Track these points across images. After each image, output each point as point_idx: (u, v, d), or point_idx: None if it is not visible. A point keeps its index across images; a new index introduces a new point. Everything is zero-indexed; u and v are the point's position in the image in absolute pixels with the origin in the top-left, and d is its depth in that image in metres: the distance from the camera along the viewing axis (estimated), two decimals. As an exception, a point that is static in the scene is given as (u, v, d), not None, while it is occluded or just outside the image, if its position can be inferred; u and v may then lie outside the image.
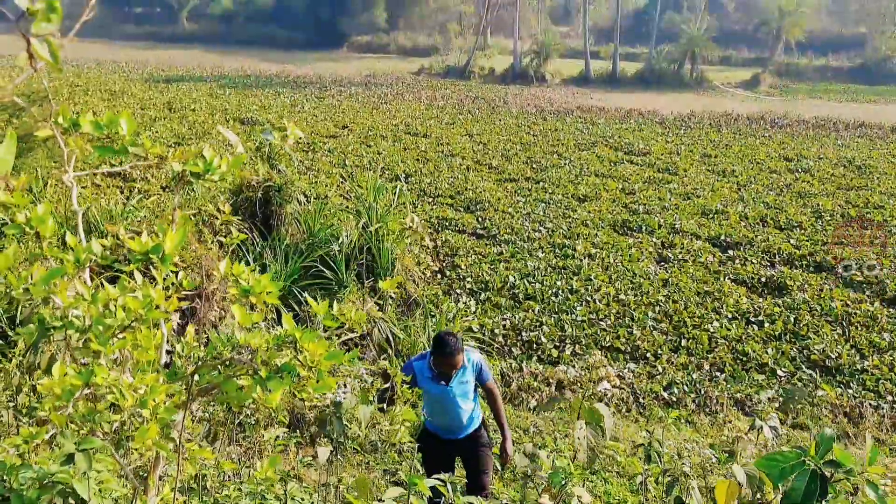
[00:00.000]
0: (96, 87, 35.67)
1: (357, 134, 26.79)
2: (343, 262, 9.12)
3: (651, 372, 10.32)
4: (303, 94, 36.51)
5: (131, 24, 73.38)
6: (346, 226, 9.73)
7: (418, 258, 14.38)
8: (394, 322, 9.05)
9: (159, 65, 48.03)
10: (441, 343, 5.36)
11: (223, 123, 27.47)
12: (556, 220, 17.09)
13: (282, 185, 9.45)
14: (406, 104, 34.67)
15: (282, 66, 49.45)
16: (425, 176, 20.90)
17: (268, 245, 9.00)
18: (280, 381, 2.00)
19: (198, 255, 7.46)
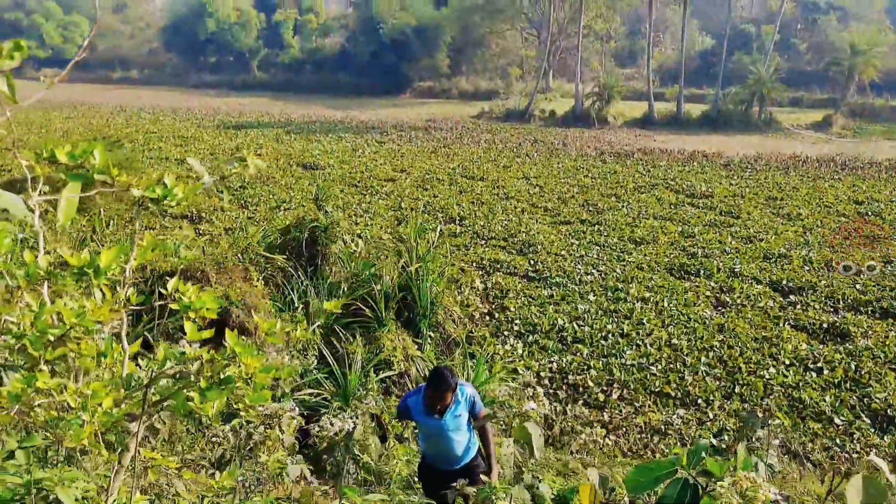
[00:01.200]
0: (170, 134, 37.10)
1: (414, 177, 27.11)
2: (382, 301, 9.19)
3: (701, 418, 10.03)
4: (364, 139, 37.17)
5: (206, 72, 76.15)
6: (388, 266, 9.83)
7: (467, 299, 14.42)
8: (432, 361, 9.04)
9: (230, 112, 49.63)
10: (437, 378, 5.40)
11: (286, 168, 28.19)
12: (610, 263, 16.91)
13: (328, 226, 9.62)
14: (464, 148, 34.97)
15: (346, 112, 50.52)
16: (479, 218, 20.98)
17: (312, 283, 9.14)
18: (219, 392, 2.06)
19: (242, 292, 7.62)
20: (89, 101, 56.15)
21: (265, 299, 8.00)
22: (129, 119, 43.70)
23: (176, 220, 19.99)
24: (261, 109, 51.67)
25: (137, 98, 58.79)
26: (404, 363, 8.58)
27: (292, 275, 9.16)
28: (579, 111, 48.47)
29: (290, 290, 8.95)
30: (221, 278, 7.74)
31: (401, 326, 9.40)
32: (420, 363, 8.74)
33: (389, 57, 64.81)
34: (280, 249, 9.42)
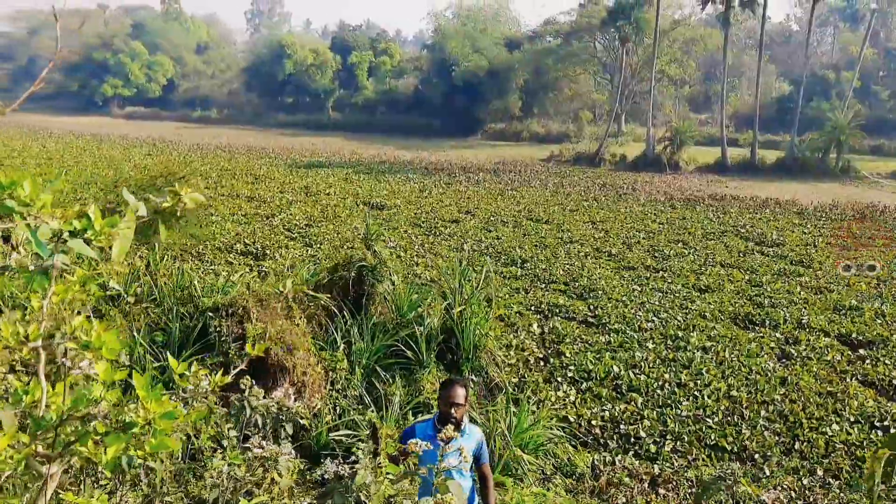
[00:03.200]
0: (243, 171, 38.12)
1: (479, 219, 27.13)
2: (424, 342, 9.11)
3: (757, 475, 9.58)
4: (432, 180, 37.46)
5: (283, 113, 78.30)
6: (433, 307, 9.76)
7: (522, 343, 14.21)
8: (473, 406, 8.88)
9: (303, 151, 50.75)
10: (447, 380, 5.49)
11: (354, 207, 28.57)
12: (672, 311, 16.48)
13: (375, 266, 9.63)
14: (531, 191, 34.91)
15: (416, 153, 51.12)
16: (541, 262, 20.79)
17: (356, 323, 9.13)
18: (118, 437, 1.98)
19: (282, 330, 7.65)
20: (170, 138, 58.23)
21: (306, 337, 8.01)
22: (204, 157, 45.07)
23: (241, 257, 20.40)
24: (333, 149, 52.70)
25: (216, 137, 60.70)
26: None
27: (336, 314, 9.16)
28: (650, 156, 47.98)
29: (333, 330, 8.96)
30: (262, 315, 7.79)
31: (443, 369, 9.29)
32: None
33: (461, 99, 65.49)
34: (327, 288, 9.46)
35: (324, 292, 9.25)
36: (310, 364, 7.67)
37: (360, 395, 8.20)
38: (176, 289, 8.78)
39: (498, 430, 8.29)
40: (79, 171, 34.84)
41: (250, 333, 7.42)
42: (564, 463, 9.14)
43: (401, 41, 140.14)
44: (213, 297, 8.10)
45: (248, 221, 25.15)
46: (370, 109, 74.74)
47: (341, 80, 79.93)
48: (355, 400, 8.14)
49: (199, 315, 8.02)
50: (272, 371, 7.43)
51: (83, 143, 51.79)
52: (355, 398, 8.16)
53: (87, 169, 35.96)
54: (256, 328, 7.50)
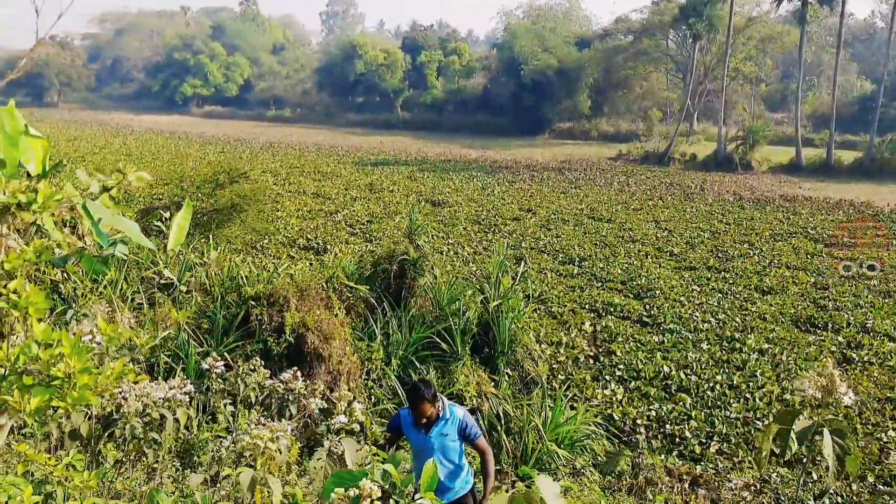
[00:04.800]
0: (311, 169, 38.79)
1: (540, 217, 27.05)
2: (459, 335, 9.19)
3: (805, 479, 9.37)
4: (495, 179, 37.47)
5: (353, 112, 79.31)
6: (471, 302, 9.83)
7: (573, 341, 14.18)
8: (507, 399, 8.93)
9: (370, 149, 51.37)
10: (410, 390, 5.46)
11: (416, 204, 28.79)
12: (731, 312, 16.19)
13: (417, 260, 9.76)
14: (595, 189, 34.60)
15: (482, 152, 51.17)
16: (599, 261, 20.65)
17: (395, 316, 9.28)
18: (43, 389, 2.11)
19: (320, 320, 7.85)
20: (244, 136, 59.69)
21: (344, 328, 8.19)
22: (275, 154, 46.06)
23: (303, 251, 20.84)
24: (399, 148, 53.17)
25: (287, 135, 61.90)
26: (477, 399, 8.54)
27: (375, 306, 9.33)
28: (721, 155, 46.92)
29: (372, 321, 9.13)
30: (301, 305, 8.01)
31: (478, 363, 9.36)
32: (494, 400, 8.67)
33: (530, 98, 65.18)
34: (369, 280, 9.63)
35: (366, 285, 9.43)
36: (345, 353, 7.86)
37: (394, 386, 8.35)
38: (225, 279, 9.08)
39: (532, 424, 8.33)
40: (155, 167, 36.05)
41: (288, 322, 7.65)
42: (603, 460, 9.11)
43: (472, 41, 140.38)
44: (255, 287, 8.36)
45: (313, 217, 25.66)
46: (438, 109, 75.07)
47: (411, 79, 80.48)
48: (390, 390, 8.30)
49: (243, 304, 8.29)
50: (309, 359, 7.65)
51: (162, 141, 53.51)
52: (390, 388, 8.31)
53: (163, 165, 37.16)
54: (294, 317, 7.73)
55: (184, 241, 10.47)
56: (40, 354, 2.16)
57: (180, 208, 9.06)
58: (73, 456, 2.97)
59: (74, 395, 2.16)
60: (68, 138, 51.82)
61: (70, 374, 2.14)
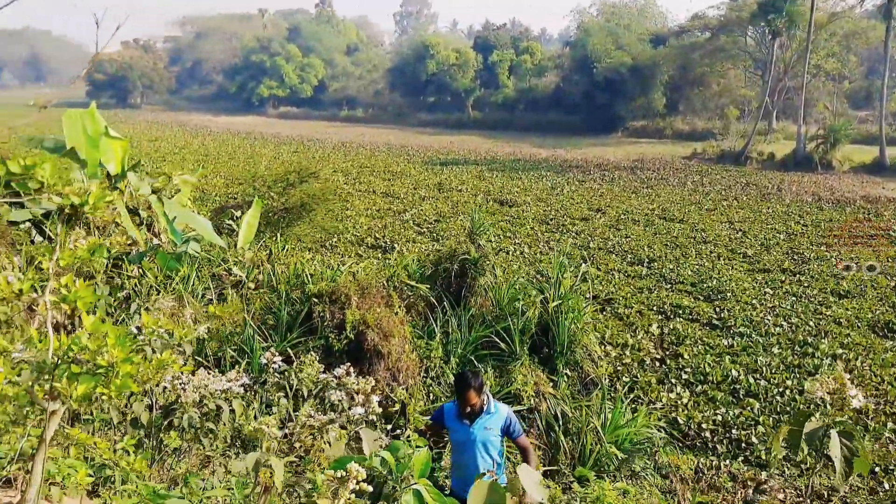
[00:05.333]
0: (382, 168, 39.25)
1: (609, 217, 26.79)
2: (517, 335, 9.20)
3: (874, 488, 9.08)
4: (565, 178, 37.23)
5: (425, 112, 79.79)
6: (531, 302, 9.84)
7: (639, 343, 14.02)
8: (565, 400, 8.90)
9: (440, 149, 51.64)
10: (458, 378, 5.56)
11: (484, 204, 28.86)
12: (805, 316, 15.75)
13: (478, 259, 9.82)
14: (668, 189, 34.04)
15: (552, 151, 50.89)
16: (669, 262, 20.34)
17: (455, 314, 9.36)
18: (89, 378, 2.22)
19: (380, 317, 7.98)
20: (317, 137, 60.73)
21: (403, 326, 8.31)
22: (347, 154, 46.75)
23: (371, 250, 21.13)
24: (469, 147, 53.29)
25: (359, 135, 62.70)
26: (535, 399, 8.54)
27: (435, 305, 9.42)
28: (801, 154, 45.54)
29: (432, 320, 9.23)
30: (362, 302, 8.16)
31: (536, 363, 9.36)
32: (552, 400, 8.65)
33: (602, 96, 64.48)
34: (430, 279, 9.74)
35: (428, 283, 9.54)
36: (404, 351, 7.98)
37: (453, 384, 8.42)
38: (291, 276, 9.32)
39: (590, 426, 8.30)
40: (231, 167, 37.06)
41: (349, 319, 7.81)
42: (666, 464, 9.01)
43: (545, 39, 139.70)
44: (318, 285, 8.55)
45: (381, 216, 25.98)
46: (510, 108, 74.92)
47: (482, 79, 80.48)
48: (448, 388, 8.38)
49: (306, 301, 8.50)
50: (369, 356, 7.79)
51: (238, 142, 54.87)
52: (448, 386, 8.39)
53: (238, 165, 38.16)
54: (355, 315, 7.88)
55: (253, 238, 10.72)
56: (88, 345, 2.29)
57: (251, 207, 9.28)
58: (127, 441, 3.14)
59: (117, 382, 2.29)
60: (150, 139, 53.66)
61: (113, 363, 2.27)
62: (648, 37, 70.03)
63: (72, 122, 11.14)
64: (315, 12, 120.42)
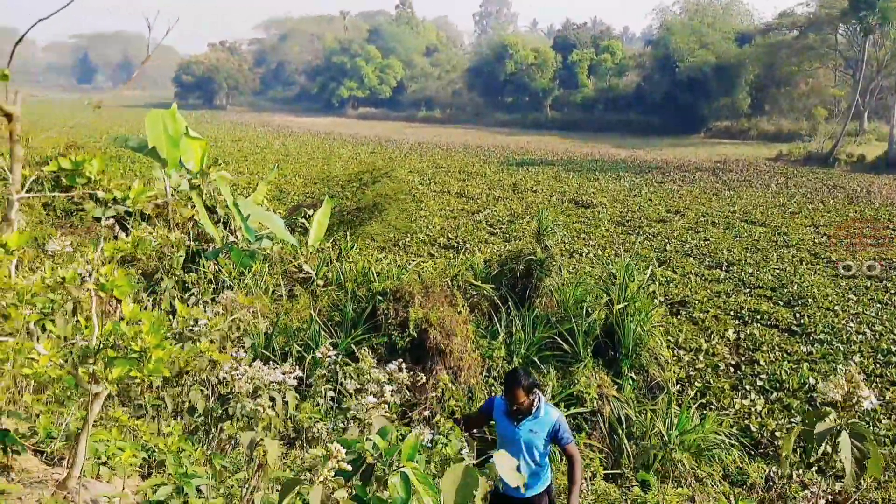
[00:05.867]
0: (457, 169, 39.41)
1: (688, 219, 26.26)
2: (581, 336, 9.10)
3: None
4: (643, 179, 36.65)
5: (502, 112, 79.65)
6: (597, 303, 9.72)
7: (713, 349, 13.72)
8: (630, 403, 8.76)
9: (516, 149, 51.51)
10: (508, 375, 5.49)
11: (558, 205, 28.69)
12: (890, 324, 15.13)
13: (544, 260, 9.76)
14: (750, 192, 33.13)
15: (631, 152, 50.17)
16: (749, 266, 19.82)
17: (519, 315, 9.33)
18: (124, 361, 2.31)
19: (443, 316, 8.03)
20: (395, 137, 61.35)
21: (466, 325, 8.34)
22: (423, 155, 47.08)
23: (443, 250, 21.24)
24: (546, 148, 52.99)
25: (436, 135, 63.04)
26: (598, 401, 8.43)
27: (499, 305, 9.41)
28: (893, 156, 43.69)
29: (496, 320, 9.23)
30: (426, 301, 8.22)
31: (600, 365, 9.23)
32: (616, 403, 8.53)
33: (684, 96, 63.22)
34: (496, 279, 9.74)
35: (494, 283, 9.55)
36: (466, 350, 8.01)
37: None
38: (358, 274, 9.46)
39: (655, 430, 8.16)
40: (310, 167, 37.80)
41: (412, 317, 7.89)
42: (734, 471, 8.79)
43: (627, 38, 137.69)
44: (383, 283, 8.66)
45: (455, 216, 26.09)
46: (588, 108, 74.12)
47: (561, 78, 79.87)
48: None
49: (371, 298, 8.62)
50: (431, 354, 7.85)
51: (318, 142, 55.88)
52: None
53: (317, 165, 38.89)
54: (418, 313, 7.96)
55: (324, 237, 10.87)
56: (125, 331, 2.40)
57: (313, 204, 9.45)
58: (174, 426, 3.27)
59: (150, 367, 2.39)
60: (233, 139, 55.18)
61: (145, 348, 2.37)
62: (733, 35, 68.23)
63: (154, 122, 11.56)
64: (395, 14, 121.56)
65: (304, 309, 8.46)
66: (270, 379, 3.81)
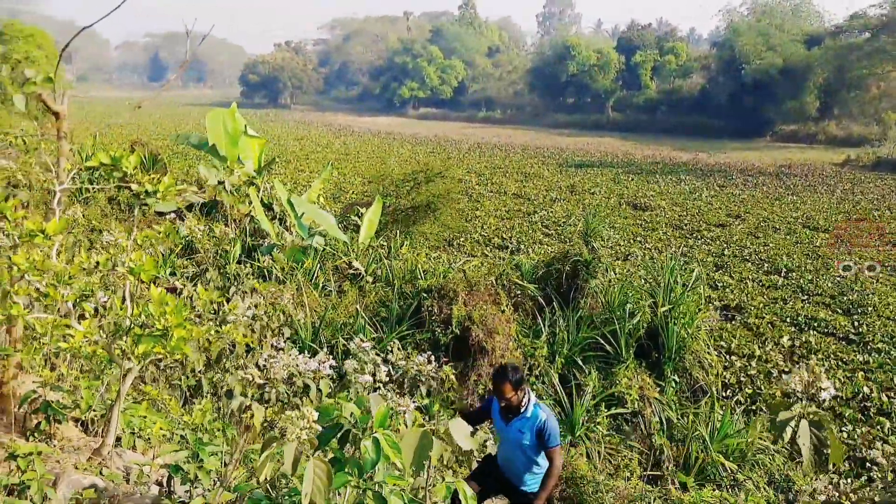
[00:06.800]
0: (515, 170, 39.43)
1: (748, 224, 25.83)
2: (624, 338, 9.08)
3: None
4: (705, 182, 36.11)
5: (563, 113, 79.23)
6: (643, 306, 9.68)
7: (767, 355, 13.54)
8: (671, 406, 8.72)
9: (576, 151, 51.23)
10: (498, 368, 5.49)
11: (616, 207, 28.52)
12: (955, 335, 14.68)
13: (590, 261, 9.78)
14: (815, 197, 32.35)
15: (693, 155, 49.43)
16: (808, 272, 19.41)
17: (563, 315, 9.37)
18: (149, 339, 2.48)
19: (486, 314, 8.14)
20: (454, 138, 61.58)
21: (510, 324, 8.43)
22: (481, 155, 47.18)
23: (496, 250, 21.33)
24: (606, 149, 52.57)
25: (496, 136, 63.06)
26: (639, 402, 8.42)
27: (544, 305, 9.47)
28: (968, 162, 42.19)
29: (540, 320, 9.29)
30: (469, 299, 8.34)
31: (643, 367, 9.21)
32: (657, 405, 8.51)
33: (749, 99, 62.02)
34: (543, 280, 9.79)
35: (540, 283, 9.61)
36: (508, 348, 8.10)
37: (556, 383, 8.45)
38: (406, 272, 9.64)
39: (696, 433, 8.12)
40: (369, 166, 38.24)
41: (455, 315, 8.02)
42: (779, 478, 8.70)
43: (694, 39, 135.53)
44: (428, 280, 8.81)
45: (510, 217, 26.14)
46: (651, 109, 73.20)
47: (624, 80, 79.16)
48: (551, 387, 8.41)
49: (416, 295, 8.78)
50: (473, 351, 7.97)
51: (378, 142, 56.46)
52: (551, 384, 8.43)
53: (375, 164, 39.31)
54: (461, 311, 8.08)
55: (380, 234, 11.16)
56: (152, 311, 2.58)
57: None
58: (204, 405, 3.47)
59: (171, 344, 2.57)
60: (296, 137, 56.15)
61: (168, 327, 2.56)
62: (802, 37, 66.54)
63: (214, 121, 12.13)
64: (458, 14, 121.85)
65: (351, 304, 8.67)
66: (305, 368, 3.99)
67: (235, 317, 3.90)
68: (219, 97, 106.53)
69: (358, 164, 40.05)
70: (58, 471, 2.95)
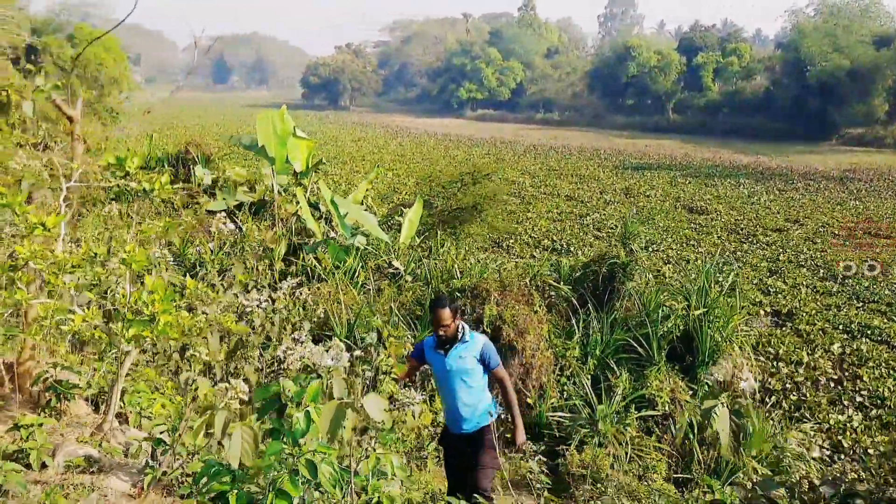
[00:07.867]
0: (570, 172, 39.32)
1: (806, 229, 25.30)
2: (655, 340, 9.05)
3: None
4: (764, 186, 35.45)
5: (623, 115, 78.46)
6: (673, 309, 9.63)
7: (815, 362, 13.32)
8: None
9: (633, 153, 50.75)
10: (434, 299, 5.66)
11: (671, 211, 28.25)
12: None
13: (627, 263, 9.77)
14: (878, 202, 31.49)
15: (754, 158, 48.52)
16: (866, 279, 18.93)
17: (597, 317, 9.38)
18: (138, 323, 2.66)
19: (517, 314, 8.22)
20: (510, 139, 61.61)
21: (542, 324, 8.49)
22: (537, 157, 47.10)
23: (546, 252, 21.33)
24: (664, 152, 51.96)
25: (553, 138, 62.82)
26: (670, 405, 8.39)
27: (577, 307, 9.50)
28: None
29: (574, 321, 9.32)
30: (502, 298, 8.43)
31: (675, 370, 9.16)
32: (689, 408, 8.46)
33: (815, 101, 60.52)
34: (580, 281, 9.82)
35: (577, 285, 9.65)
36: (539, 349, 8.17)
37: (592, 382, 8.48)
38: (444, 272, 9.78)
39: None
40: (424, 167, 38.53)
41: (487, 314, 8.13)
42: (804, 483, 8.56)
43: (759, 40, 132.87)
44: (463, 280, 8.93)
45: (562, 219, 26.09)
46: (712, 111, 71.92)
47: (685, 81, 77.97)
48: (582, 387, 8.45)
49: (451, 294, 8.90)
50: (503, 350, 8.05)
51: (433, 143, 56.80)
52: (582, 385, 8.46)
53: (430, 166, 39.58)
54: (493, 310, 8.18)
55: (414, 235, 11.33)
56: (144, 298, 2.77)
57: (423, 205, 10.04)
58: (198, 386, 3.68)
59: (158, 328, 2.76)
60: (353, 139, 56.88)
61: (155, 313, 2.74)
62: (871, 38, 64.63)
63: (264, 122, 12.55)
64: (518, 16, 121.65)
65: (387, 302, 8.85)
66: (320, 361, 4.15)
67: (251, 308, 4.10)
68: (280, 99, 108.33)
69: (413, 164, 40.41)
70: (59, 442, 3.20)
